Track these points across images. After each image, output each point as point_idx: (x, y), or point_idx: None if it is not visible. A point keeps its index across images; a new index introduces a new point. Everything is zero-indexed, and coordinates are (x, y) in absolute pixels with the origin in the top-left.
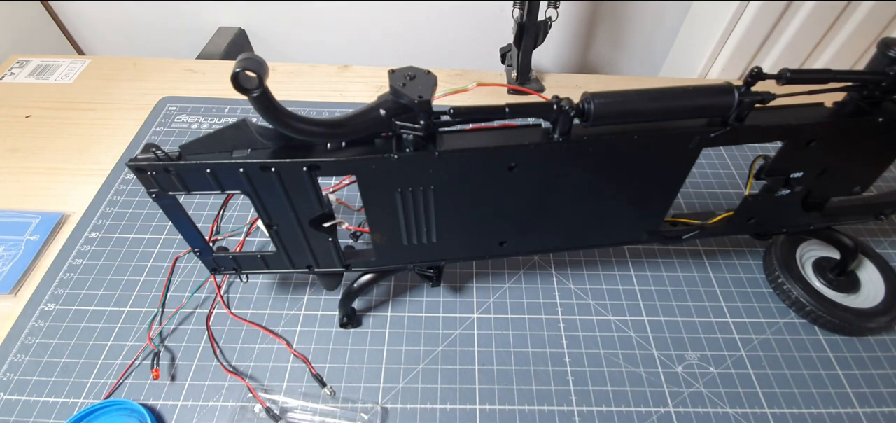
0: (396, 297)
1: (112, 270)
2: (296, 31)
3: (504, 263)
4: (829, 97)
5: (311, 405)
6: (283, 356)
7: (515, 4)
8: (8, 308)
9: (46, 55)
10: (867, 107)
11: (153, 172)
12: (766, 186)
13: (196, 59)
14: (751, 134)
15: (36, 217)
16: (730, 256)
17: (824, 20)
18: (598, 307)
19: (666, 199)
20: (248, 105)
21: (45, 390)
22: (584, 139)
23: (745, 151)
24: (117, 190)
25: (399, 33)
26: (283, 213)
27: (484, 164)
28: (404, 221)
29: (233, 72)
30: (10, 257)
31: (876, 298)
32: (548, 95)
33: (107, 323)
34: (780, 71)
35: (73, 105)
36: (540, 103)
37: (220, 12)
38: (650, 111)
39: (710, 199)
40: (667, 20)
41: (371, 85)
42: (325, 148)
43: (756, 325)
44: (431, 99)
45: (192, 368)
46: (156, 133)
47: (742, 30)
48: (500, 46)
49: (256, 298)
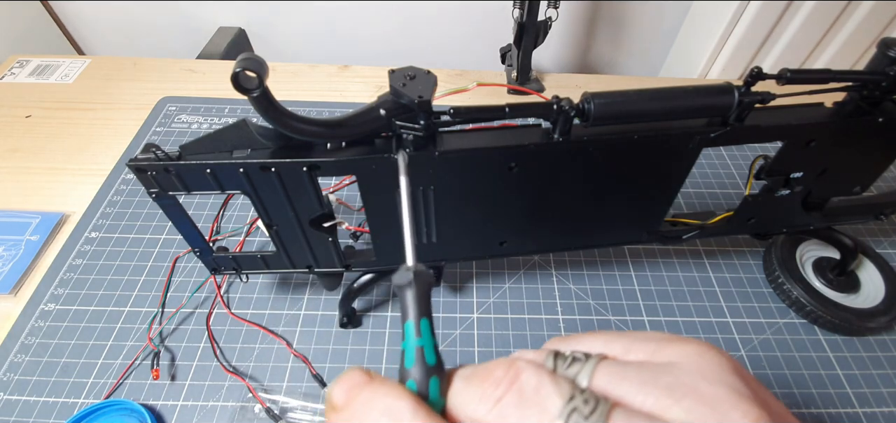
0: (396, 297)
1: (112, 270)
2: (296, 31)
3: (504, 263)
4: (829, 97)
5: (311, 405)
6: (283, 355)
7: (515, 4)
8: (8, 308)
9: (46, 55)
10: (867, 107)
11: (153, 172)
12: (766, 186)
13: (196, 59)
14: (751, 134)
15: (36, 217)
16: (730, 256)
17: (824, 20)
18: (598, 307)
19: (666, 199)
20: (248, 105)
21: (45, 390)
22: (584, 139)
23: (745, 151)
24: (117, 190)
25: (399, 33)
26: (283, 213)
27: (484, 164)
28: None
29: (233, 72)
30: (10, 257)
31: (876, 298)
32: (548, 95)
33: (107, 323)
34: (780, 71)
35: (73, 105)
36: (540, 103)
37: (220, 12)
38: (650, 111)
39: (710, 199)
40: (667, 20)
41: (371, 85)
42: (325, 148)
43: (756, 325)
44: (431, 99)
45: (192, 368)
46: (156, 133)
47: (742, 30)
48: (500, 46)
49: (256, 298)
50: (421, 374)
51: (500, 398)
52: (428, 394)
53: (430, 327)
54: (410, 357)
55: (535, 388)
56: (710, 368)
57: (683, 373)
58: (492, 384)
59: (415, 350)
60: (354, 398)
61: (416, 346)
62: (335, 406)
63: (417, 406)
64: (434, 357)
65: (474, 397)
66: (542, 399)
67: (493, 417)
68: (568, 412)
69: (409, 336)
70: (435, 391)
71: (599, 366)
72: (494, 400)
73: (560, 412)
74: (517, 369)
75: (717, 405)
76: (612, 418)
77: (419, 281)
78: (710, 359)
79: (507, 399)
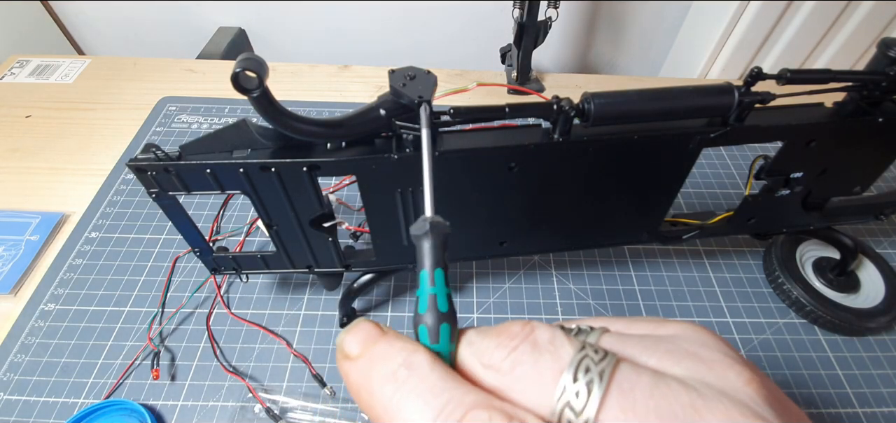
0: (396, 297)
1: (112, 270)
2: (296, 31)
3: (504, 263)
4: (829, 97)
5: (311, 405)
6: (283, 355)
7: (515, 4)
8: (8, 308)
9: (46, 55)
10: (867, 107)
11: (153, 172)
12: (766, 186)
13: (196, 59)
14: (751, 134)
15: (36, 217)
16: (730, 256)
17: (824, 20)
18: (598, 307)
19: (666, 199)
20: (248, 105)
21: (45, 390)
22: (584, 139)
23: (745, 151)
24: (117, 190)
25: (399, 33)
26: (283, 213)
27: (484, 164)
28: (404, 221)
29: (233, 72)
30: (10, 257)
31: (876, 298)
32: (548, 95)
33: (107, 323)
34: (780, 71)
35: (73, 105)
36: (540, 103)
37: (220, 12)
38: (650, 111)
39: (710, 199)
40: (667, 20)
41: (371, 85)
42: (325, 148)
43: (756, 325)
44: (431, 99)
45: (192, 368)
46: (156, 133)
47: (742, 30)
48: (500, 46)
49: (256, 298)
50: (433, 320)
51: (515, 348)
52: (438, 339)
53: (445, 276)
54: (424, 304)
55: (550, 340)
56: (707, 339)
57: (683, 342)
58: (508, 337)
59: (428, 297)
60: (370, 348)
61: (429, 293)
62: (348, 356)
63: (434, 359)
64: (447, 305)
65: (491, 345)
66: (555, 349)
67: (509, 363)
68: (579, 359)
69: (423, 284)
70: (445, 336)
71: (605, 335)
72: (510, 349)
73: (572, 360)
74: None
75: (714, 366)
76: (620, 368)
77: (435, 231)
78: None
79: (523, 348)
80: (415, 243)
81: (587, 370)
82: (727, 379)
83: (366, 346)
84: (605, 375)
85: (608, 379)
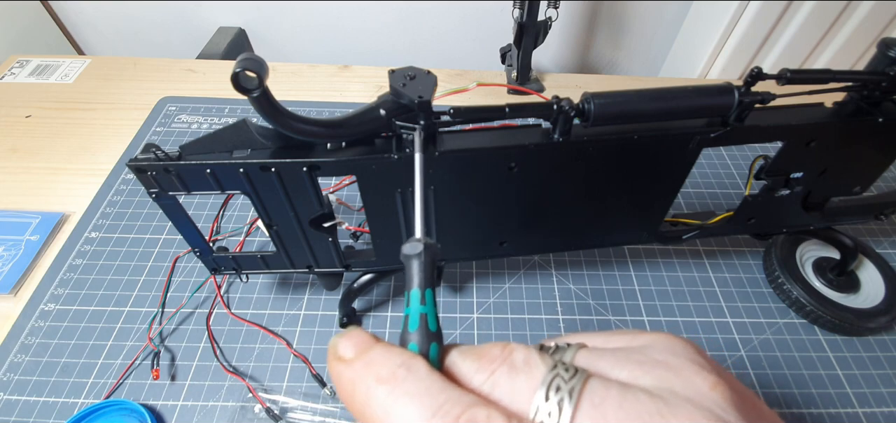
0: (396, 297)
1: (112, 270)
2: (296, 31)
3: (504, 263)
4: (829, 97)
5: (311, 405)
6: (283, 356)
7: (515, 4)
8: (8, 308)
9: (46, 55)
10: (867, 107)
11: (153, 172)
12: (766, 186)
13: (196, 59)
14: (751, 134)
15: (36, 217)
16: (730, 256)
17: (824, 20)
18: (598, 307)
19: (666, 199)
20: (248, 105)
21: (45, 390)
22: (584, 139)
23: (745, 151)
24: (117, 190)
25: (399, 33)
26: (283, 213)
27: (484, 164)
28: (404, 221)
29: (233, 72)
30: (10, 257)
31: (876, 298)
32: (548, 95)
33: (107, 323)
34: (780, 71)
35: (73, 105)
36: (540, 103)
37: (220, 12)
38: (650, 111)
39: (710, 199)
40: (667, 20)
41: (371, 85)
42: (325, 148)
43: (756, 325)
44: (431, 99)
45: (192, 368)
46: (156, 133)
47: (742, 30)
48: (500, 46)
49: (256, 298)
50: (423, 338)
51: (494, 371)
52: (428, 357)
53: (434, 297)
54: (414, 322)
55: (525, 360)
56: (676, 347)
57: (653, 351)
58: (488, 360)
59: (419, 316)
60: (366, 353)
61: (419, 312)
62: (343, 358)
63: (430, 367)
64: (436, 325)
65: (472, 368)
66: (529, 369)
67: (488, 386)
68: (551, 378)
69: (414, 303)
70: (434, 355)
71: (580, 351)
72: (489, 372)
73: (544, 379)
74: (511, 348)
75: (681, 372)
76: (589, 384)
77: (428, 253)
78: (676, 342)
79: (501, 370)
80: (405, 262)
81: (558, 389)
82: (694, 385)
83: (361, 350)
84: (575, 392)
85: (578, 396)
